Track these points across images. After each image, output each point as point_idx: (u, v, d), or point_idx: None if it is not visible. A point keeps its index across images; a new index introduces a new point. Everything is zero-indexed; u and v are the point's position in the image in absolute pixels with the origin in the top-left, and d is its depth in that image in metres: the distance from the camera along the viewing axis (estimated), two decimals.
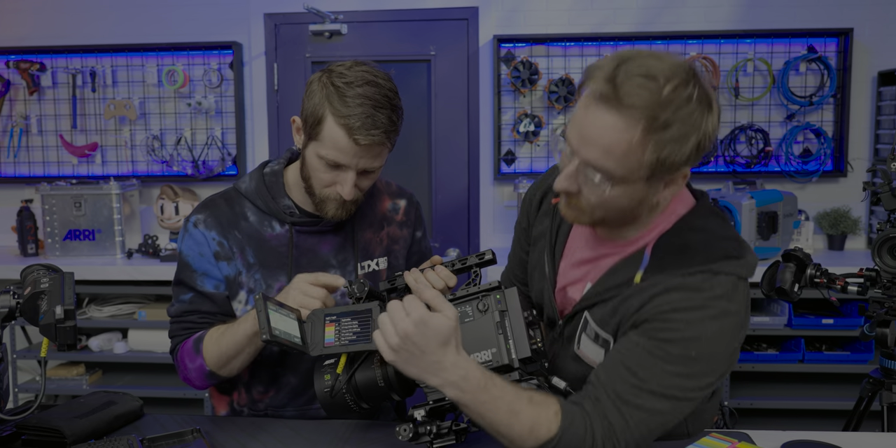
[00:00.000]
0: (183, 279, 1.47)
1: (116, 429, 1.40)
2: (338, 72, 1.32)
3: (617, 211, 1.15)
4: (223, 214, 1.46)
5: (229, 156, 3.49)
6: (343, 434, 1.37)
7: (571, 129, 1.11)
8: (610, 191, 1.10)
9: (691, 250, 1.15)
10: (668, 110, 1.03)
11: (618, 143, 1.05)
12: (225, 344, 1.37)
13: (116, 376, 3.29)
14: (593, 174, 1.09)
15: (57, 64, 3.51)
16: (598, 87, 1.05)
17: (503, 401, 1.08)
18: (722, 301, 1.12)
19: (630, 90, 1.03)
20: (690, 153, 1.07)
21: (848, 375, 2.90)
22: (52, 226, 3.25)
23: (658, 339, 1.11)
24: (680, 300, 1.11)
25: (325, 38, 3.43)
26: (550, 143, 1.08)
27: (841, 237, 3.25)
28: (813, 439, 1.30)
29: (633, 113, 1.03)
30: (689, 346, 1.11)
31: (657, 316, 1.12)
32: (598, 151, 1.07)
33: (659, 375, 1.11)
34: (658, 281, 1.14)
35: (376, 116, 1.29)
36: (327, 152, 1.32)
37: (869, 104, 3.30)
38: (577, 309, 1.26)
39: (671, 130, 1.04)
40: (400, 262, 1.58)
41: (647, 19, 3.31)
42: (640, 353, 1.12)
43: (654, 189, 1.13)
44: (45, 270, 1.23)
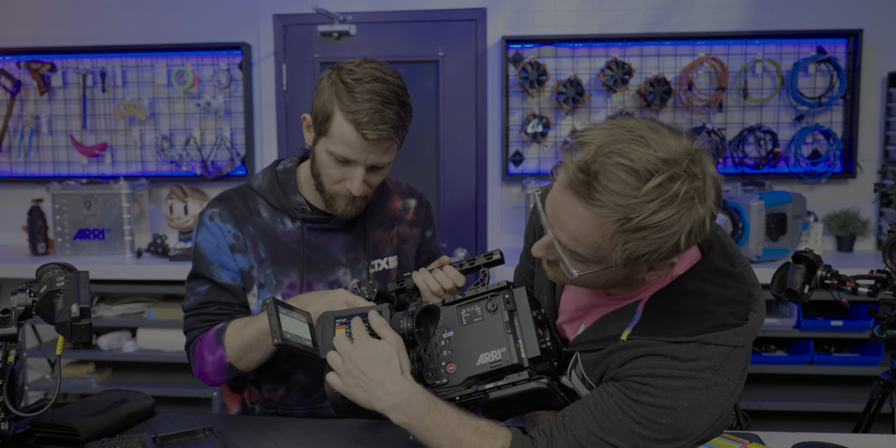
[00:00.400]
0: (200, 271, 1.47)
1: (129, 427, 1.41)
2: (347, 69, 1.34)
3: (600, 286, 1.10)
4: (237, 208, 1.47)
5: (238, 156, 3.50)
6: (354, 433, 1.37)
7: (548, 202, 1.03)
8: (584, 271, 1.03)
9: (683, 316, 1.08)
10: (643, 213, 0.93)
11: (588, 236, 0.98)
12: (248, 334, 1.35)
13: (125, 375, 3.31)
14: (566, 254, 1.03)
15: (67, 64, 3.53)
16: (571, 176, 0.96)
17: (447, 428, 1.09)
18: (707, 373, 1.05)
19: (605, 185, 0.93)
20: (671, 251, 0.98)
21: (857, 377, 2.89)
22: (62, 225, 3.27)
23: (630, 398, 1.07)
24: (660, 366, 1.06)
25: (334, 39, 3.44)
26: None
27: (850, 239, 3.24)
28: (823, 441, 1.30)
29: (605, 211, 0.94)
30: (661, 414, 1.05)
31: (635, 377, 1.07)
32: (569, 237, 1.00)
33: (624, 432, 1.07)
34: (643, 343, 1.08)
35: (384, 112, 1.30)
36: (336, 148, 1.33)
37: (879, 105, 3.29)
38: (571, 349, 1.22)
39: (645, 233, 0.95)
40: (410, 261, 1.59)
41: (656, 20, 3.31)
42: (610, 404, 1.08)
43: (636, 271, 1.05)
44: (60, 269, 1.24)
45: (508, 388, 1.14)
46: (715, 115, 3.32)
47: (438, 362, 1.18)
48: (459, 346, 1.18)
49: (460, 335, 1.19)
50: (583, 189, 0.94)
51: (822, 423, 2.88)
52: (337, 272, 1.49)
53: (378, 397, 1.09)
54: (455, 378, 1.17)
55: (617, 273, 1.04)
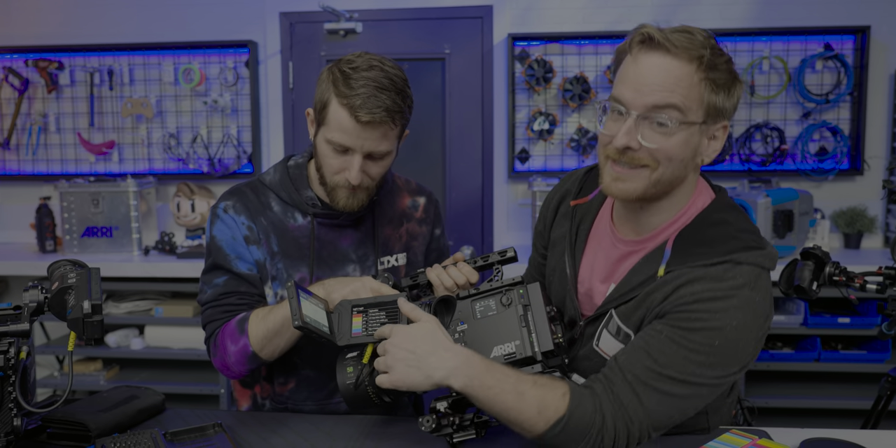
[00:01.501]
0: (218, 262, 1.46)
1: (139, 423, 1.42)
2: (346, 60, 1.36)
3: (675, 165, 1.16)
4: (250, 201, 1.49)
5: (245, 154, 3.51)
6: (363, 429, 1.38)
7: (622, 86, 1.14)
8: (674, 135, 1.13)
9: (713, 242, 1.17)
10: (713, 54, 1.12)
11: (679, 79, 1.11)
12: (272, 321, 1.35)
13: (133, 372, 3.32)
14: (660, 119, 1.12)
15: (75, 62, 3.55)
16: (646, 38, 1.12)
17: (507, 383, 1.09)
18: (745, 290, 1.12)
19: (676, 38, 1.11)
20: (734, 105, 1.16)
21: (864, 375, 2.89)
22: (70, 223, 3.28)
23: (681, 328, 1.12)
24: (703, 291, 1.12)
25: (340, 37, 3.44)
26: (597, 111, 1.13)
27: (857, 236, 3.23)
28: (832, 437, 1.30)
29: (684, 53, 1.11)
30: (713, 336, 1.11)
31: (681, 307, 1.13)
32: (662, 92, 1.11)
33: (680, 362, 1.11)
34: (681, 273, 1.16)
35: (379, 97, 1.31)
36: (333, 135, 1.34)
37: (886, 102, 3.28)
38: (602, 311, 1.26)
39: (719, 72, 1.12)
40: (419, 258, 1.60)
41: (662, 17, 3.30)
42: (662, 340, 1.13)
43: (704, 139, 1.17)
44: (72, 266, 1.25)
45: None
46: None
47: None
48: (473, 338, 1.19)
49: (474, 328, 1.20)
50: (662, 42, 1.11)
51: (830, 420, 2.88)
52: (346, 268, 1.50)
53: (434, 367, 1.08)
54: None
55: (694, 138, 1.14)
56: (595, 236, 1.35)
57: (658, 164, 1.15)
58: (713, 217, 1.21)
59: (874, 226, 3.23)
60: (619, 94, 1.15)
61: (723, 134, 1.19)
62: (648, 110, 1.12)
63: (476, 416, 1.20)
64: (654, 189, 1.18)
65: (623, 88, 1.14)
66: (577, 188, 1.43)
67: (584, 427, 1.10)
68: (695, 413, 1.17)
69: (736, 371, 1.15)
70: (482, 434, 1.24)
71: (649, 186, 1.17)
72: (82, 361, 3.28)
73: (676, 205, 1.23)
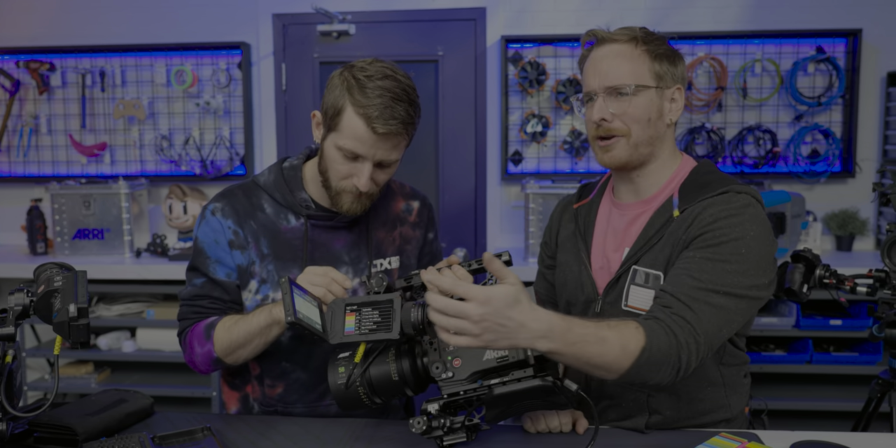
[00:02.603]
0: (197, 265, 1.50)
1: (127, 426, 1.41)
2: (359, 67, 1.37)
3: (645, 126, 1.37)
4: (240, 204, 1.49)
5: (237, 156, 3.50)
6: (353, 432, 1.37)
7: (587, 79, 1.41)
8: (634, 99, 1.35)
9: (711, 184, 1.38)
10: (646, 34, 1.39)
11: (623, 58, 1.37)
12: (236, 333, 1.39)
13: (125, 375, 3.31)
14: (622, 91, 1.35)
15: (66, 64, 3.53)
16: (594, 37, 1.41)
17: (589, 335, 1.13)
18: (751, 208, 1.33)
19: (615, 31, 1.41)
20: (680, 73, 1.41)
21: (856, 377, 2.90)
22: (61, 225, 3.27)
23: (710, 245, 1.28)
24: (718, 212, 1.31)
25: (333, 39, 3.44)
26: (576, 106, 1.47)
27: (849, 238, 3.24)
28: (822, 440, 1.30)
29: (623, 37, 1.39)
30: (738, 245, 1.28)
31: (703, 229, 1.30)
32: (614, 71, 1.36)
33: (719, 274, 1.25)
34: (693, 209, 1.34)
35: (395, 108, 1.33)
36: (346, 142, 1.35)
37: (878, 105, 3.29)
38: (623, 270, 1.39)
39: (655, 45, 1.38)
40: (412, 261, 1.60)
41: (656, 20, 3.31)
42: (698, 261, 1.27)
43: (663, 101, 1.39)
44: (58, 269, 1.24)
45: (513, 384, 1.14)
46: (714, 115, 3.32)
47: (445, 357, 1.19)
48: None
49: None
50: (605, 37, 1.40)
51: (820, 422, 2.88)
52: (339, 270, 1.49)
53: (522, 338, 1.09)
54: (461, 372, 1.18)
55: (654, 99, 1.37)
56: (601, 221, 1.50)
57: (630, 130, 1.37)
58: (705, 170, 1.43)
59: (866, 228, 3.24)
60: (586, 85, 1.42)
61: (680, 95, 1.41)
62: (608, 90, 1.37)
63: (467, 418, 1.19)
64: (637, 152, 1.39)
65: (588, 79, 1.41)
66: (576, 197, 1.60)
67: (665, 350, 1.19)
68: (738, 328, 1.30)
69: (765, 284, 1.30)
70: (472, 437, 1.23)
71: (632, 150, 1.39)
72: (73, 364, 3.27)
73: (666, 167, 1.43)
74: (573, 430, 1.36)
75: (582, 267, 1.47)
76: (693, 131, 3.27)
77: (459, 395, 1.17)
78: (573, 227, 1.54)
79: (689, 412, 1.40)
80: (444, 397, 1.18)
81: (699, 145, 3.30)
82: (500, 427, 1.40)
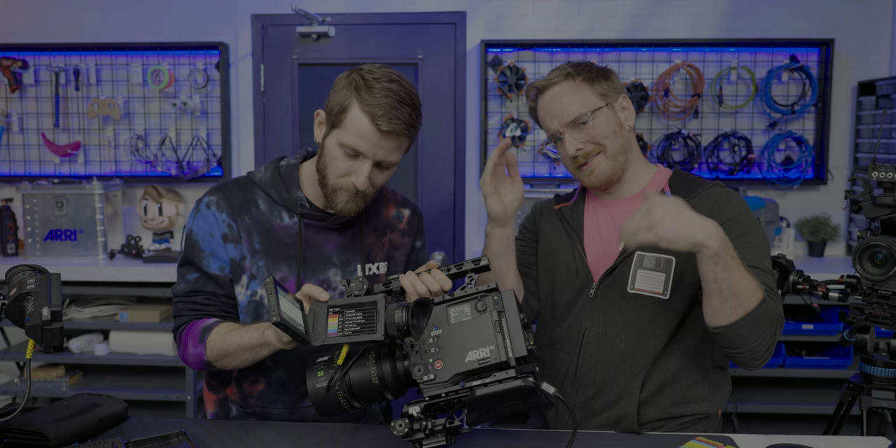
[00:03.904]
0: (191, 258, 1.49)
1: (101, 432, 1.39)
2: (367, 69, 1.40)
3: (613, 138, 1.49)
4: (235, 198, 1.50)
5: (214, 157, 3.47)
6: (331, 437, 1.37)
7: (545, 123, 1.54)
8: (594, 122, 1.48)
9: (696, 181, 1.53)
10: (576, 67, 1.52)
11: (569, 94, 1.50)
12: (228, 343, 1.39)
13: (97, 378, 3.25)
14: (582, 120, 1.48)
15: (40, 61, 3.48)
16: (536, 87, 1.54)
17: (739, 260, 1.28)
18: (736, 194, 1.50)
19: (550, 76, 1.53)
20: (617, 85, 1.53)
21: (827, 380, 2.95)
22: (32, 225, 3.21)
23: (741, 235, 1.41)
24: (730, 200, 1.47)
25: (313, 40, 3.42)
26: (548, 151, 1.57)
27: (821, 244, 3.30)
28: (796, 443, 1.32)
29: (558, 78, 1.52)
30: (751, 218, 1.45)
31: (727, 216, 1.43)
32: (567, 108, 1.49)
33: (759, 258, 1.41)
34: (698, 200, 1.46)
35: (399, 109, 1.36)
36: (349, 138, 1.36)
37: (849, 113, 3.36)
38: (624, 257, 1.48)
39: (588, 72, 1.52)
40: (399, 268, 1.62)
41: (634, 27, 3.34)
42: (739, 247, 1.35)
43: (616, 112, 1.52)
44: (31, 271, 1.22)
45: (495, 386, 1.14)
46: (690, 122, 3.36)
47: (426, 359, 1.19)
48: (447, 343, 1.19)
49: (449, 333, 1.20)
50: (543, 85, 1.53)
51: (793, 425, 2.92)
52: (328, 271, 1.51)
53: (700, 227, 1.22)
54: (442, 374, 1.17)
55: (610, 115, 1.50)
56: (590, 216, 1.59)
57: (604, 144, 1.49)
58: (684, 173, 1.58)
59: (837, 234, 3.30)
60: (548, 128, 1.54)
61: (627, 102, 1.54)
62: (569, 124, 1.49)
63: (448, 421, 1.19)
64: (615, 161, 1.51)
65: (547, 123, 1.53)
66: (555, 202, 1.68)
67: (773, 312, 1.33)
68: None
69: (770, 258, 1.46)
70: (452, 441, 1.23)
71: (611, 161, 1.50)
72: (44, 368, 3.21)
73: (642, 172, 1.56)
74: (551, 433, 1.37)
75: (576, 255, 1.55)
76: (670, 137, 3.31)
77: (441, 397, 1.17)
78: (558, 221, 1.63)
79: (675, 399, 1.47)
80: (425, 400, 1.18)
81: (676, 151, 3.33)
82: (479, 431, 1.40)
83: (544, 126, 1.54)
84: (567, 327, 1.54)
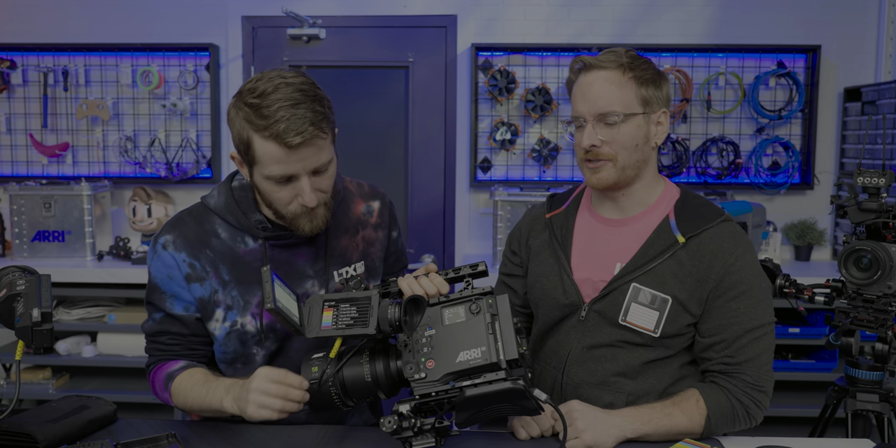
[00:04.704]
0: (152, 300, 1.47)
1: (90, 433, 1.38)
2: (247, 89, 1.30)
3: (632, 151, 1.42)
4: (193, 233, 1.43)
5: (204, 158, 3.46)
6: (320, 438, 1.37)
7: (576, 104, 1.44)
8: (623, 126, 1.40)
9: (701, 209, 1.47)
10: (632, 59, 1.42)
11: (611, 85, 1.40)
12: (192, 400, 1.40)
13: (84, 380, 3.23)
14: (611, 120, 1.40)
15: (28, 62, 3.46)
16: (582, 63, 1.44)
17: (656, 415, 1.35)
18: (743, 234, 1.45)
19: (602, 57, 1.43)
20: (665, 96, 1.46)
21: (813, 383, 2.97)
22: (20, 226, 3.19)
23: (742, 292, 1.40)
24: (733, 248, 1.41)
25: (303, 43, 3.42)
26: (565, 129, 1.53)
27: (807, 248, 3.33)
28: (783, 446, 1.34)
29: (610, 64, 1.41)
30: (760, 281, 1.42)
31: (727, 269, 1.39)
32: (603, 99, 1.40)
33: (762, 311, 1.41)
34: (701, 239, 1.42)
35: (297, 113, 1.25)
36: (270, 169, 1.29)
37: (835, 119, 3.39)
38: (619, 284, 1.43)
39: (642, 70, 1.42)
40: (377, 264, 1.58)
41: (623, 32, 3.37)
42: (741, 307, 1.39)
43: (650, 126, 1.44)
44: (21, 272, 1.21)
45: (484, 387, 1.15)
46: (679, 126, 3.38)
47: (418, 358, 1.20)
48: (440, 343, 1.20)
49: (442, 334, 1.21)
50: (593, 64, 1.42)
51: (779, 428, 2.95)
52: (305, 285, 1.47)
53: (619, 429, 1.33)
54: (433, 373, 1.18)
55: (641, 125, 1.42)
56: (580, 231, 1.53)
57: (617, 155, 1.42)
58: (690, 195, 1.51)
59: (823, 239, 3.34)
60: (575, 110, 1.45)
61: (665, 119, 1.46)
62: (598, 117, 1.41)
63: (437, 421, 1.20)
64: (623, 174, 1.43)
65: (577, 105, 1.45)
66: (547, 207, 1.61)
67: (729, 416, 1.37)
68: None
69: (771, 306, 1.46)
70: (442, 442, 1.24)
71: (619, 173, 1.43)
72: (30, 369, 3.18)
73: (650, 189, 1.49)
74: (543, 438, 1.38)
75: (564, 274, 1.49)
76: None
77: (431, 396, 1.18)
78: (547, 236, 1.56)
79: None
80: (415, 398, 1.19)
81: (664, 155, 3.36)
82: (468, 433, 1.41)
83: (573, 105, 1.45)
84: (555, 342, 1.52)
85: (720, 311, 1.40)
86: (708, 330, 1.42)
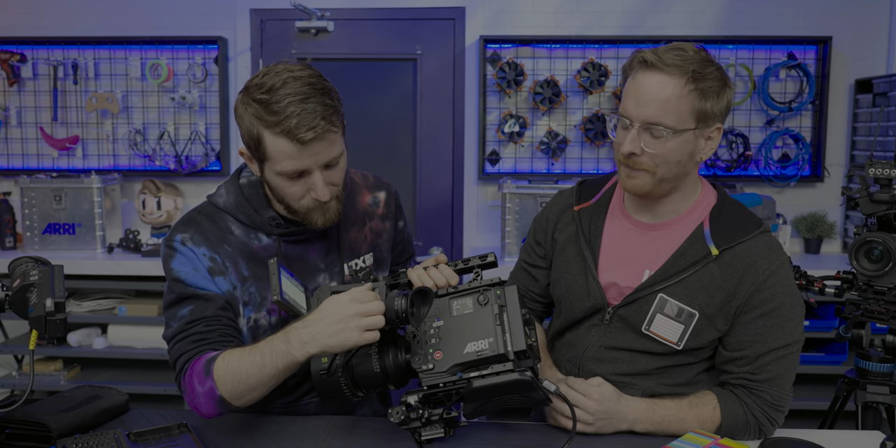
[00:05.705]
0: (178, 293, 1.36)
1: (102, 423, 1.39)
2: (254, 85, 1.28)
3: (673, 166, 1.33)
4: (208, 230, 1.40)
5: (213, 152, 3.47)
6: (330, 429, 1.38)
7: (626, 101, 1.32)
8: (669, 142, 1.30)
9: (739, 218, 1.40)
10: (701, 66, 1.28)
11: (670, 95, 1.28)
12: (245, 367, 1.22)
13: (95, 372, 3.26)
14: (658, 133, 1.29)
15: (38, 55, 3.47)
16: (644, 60, 1.29)
17: (670, 414, 1.35)
18: (780, 247, 1.39)
19: (668, 57, 1.28)
20: (724, 108, 1.33)
21: (823, 376, 2.96)
22: (30, 219, 3.21)
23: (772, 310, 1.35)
24: (768, 264, 1.34)
25: (312, 35, 3.42)
26: (608, 122, 1.40)
27: (817, 241, 3.32)
28: (791, 437, 1.34)
29: (675, 71, 1.27)
30: (793, 299, 1.37)
31: (759, 286, 1.34)
32: (656, 107, 1.28)
33: (791, 330, 1.36)
34: (736, 252, 1.36)
35: (308, 107, 1.24)
36: (282, 165, 1.28)
37: (846, 111, 3.37)
38: (646, 293, 1.38)
39: (708, 81, 1.29)
40: (385, 255, 1.57)
41: (632, 23, 3.35)
42: (772, 325, 1.35)
43: (699, 141, 1.34)
44: (34, 263, 1.22)
45: (492, 378, 1.15)
46: None
47: (426, 349, 1.21)
48: (448, 334, 1.20)
49: (450, 325, 1.21)
50: (657, 62, 1.28)
51: (788, 420, 2.92)
52: (317, 278, 1.46)
53: (625, 424, 1.34)
54: (441, 364, 1.19)
55: (690, 141, 1.31)
56: (610, 231, 1.47)
57: (657, 168, 1.33)
58: (728, 201, 1.44)
59: (833, 231, 3.32)
60: (624, 108, 1.33)
61: (717, 134, 1.36)
62: (645, 124, 1.30)
63: (445, 411, 1.20)
64: (660, 186, 1.36)
65: (627, 103, 1.32)
66: (576, 197, 1.54)
67: (742, 429, 1.36)
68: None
69: (801, 324, 1.40)
70: (451, 433, 1.24)
71: (655, 184, 1.35)
72: (42, 361, 3.21)
73: (687, 197, 1.41)
74: (551, 428, 1.38)
75: (590, 276, 1.44)
76: None
77: (439, 386, 1.19)
78: (574, 231, 1.49)
79: None
80: (423, 389, 1.19)
81: None
82: (477, 424, 1.41)
83: (623, 99, 1.33)
84: (574, 337, 1.49)
85: (746, 327, 1.36)
86: (732, 344, 1.38)
